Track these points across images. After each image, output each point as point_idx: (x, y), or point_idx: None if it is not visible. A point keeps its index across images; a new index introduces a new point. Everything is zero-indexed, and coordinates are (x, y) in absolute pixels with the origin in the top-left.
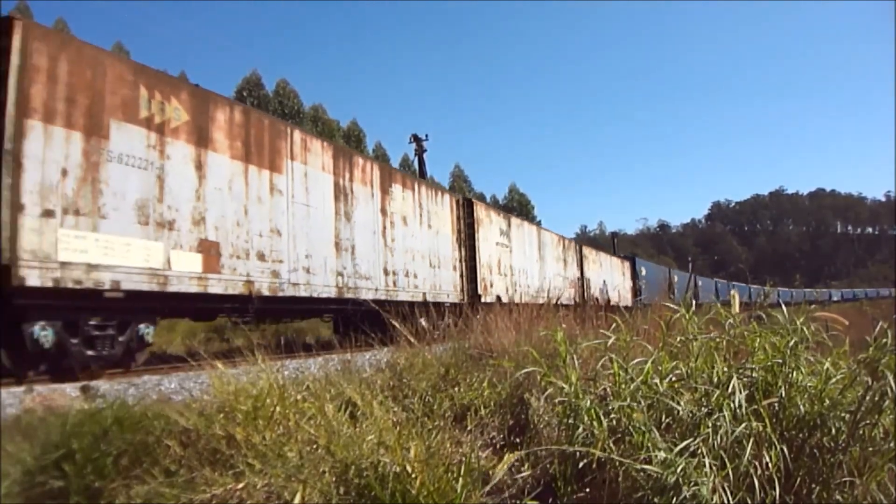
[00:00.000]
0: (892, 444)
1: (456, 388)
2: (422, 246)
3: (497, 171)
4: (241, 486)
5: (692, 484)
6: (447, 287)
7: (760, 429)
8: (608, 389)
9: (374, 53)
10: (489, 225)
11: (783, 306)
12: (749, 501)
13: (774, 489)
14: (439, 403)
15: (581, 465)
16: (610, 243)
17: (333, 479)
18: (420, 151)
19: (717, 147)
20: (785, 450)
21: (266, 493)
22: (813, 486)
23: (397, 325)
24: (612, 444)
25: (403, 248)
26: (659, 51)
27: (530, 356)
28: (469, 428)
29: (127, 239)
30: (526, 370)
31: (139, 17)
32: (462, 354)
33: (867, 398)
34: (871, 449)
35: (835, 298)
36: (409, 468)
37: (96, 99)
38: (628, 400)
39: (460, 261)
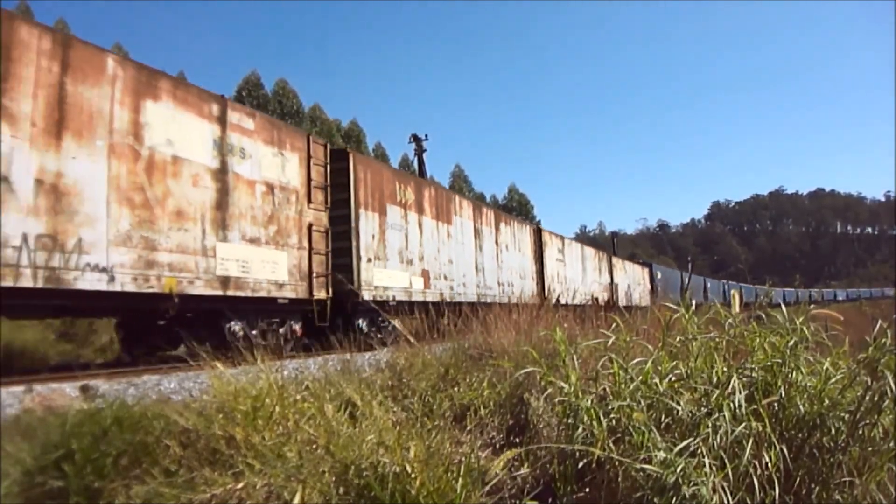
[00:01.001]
0: (891, 444)
1: (456, 388)
2: (516, 264)
3: (497, 171)
4: (240, 486)
5: (692, 484)
6: (528, 292)
7: (760, 429)
8: (608, 389)
9: (374, 53)
10: (551, 246)
11: (783, 306)
12: (749, 501)
13: (774, 489)
14: (439, 403)
15: (581, 464)
16: (609, 243)
17: (333, 479)
18: (420, 151)
19: (717, 147)
20: (785, 450)
21: (266, 493)
22: (813, 486)
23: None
24: (611, 444)
25: (507, 266)
26: (659, 51)
27: (530, 356)
28: (469, 428)
29: (395, 272)
30: (526, 370)
31: (139, 17)
32: (462, 354)
33: (867, 398)
34: (870, 449)
35: (839, 298)
36: (408, 468)
37: (381, 192)
38: (628, 400)
39: (535, 273)
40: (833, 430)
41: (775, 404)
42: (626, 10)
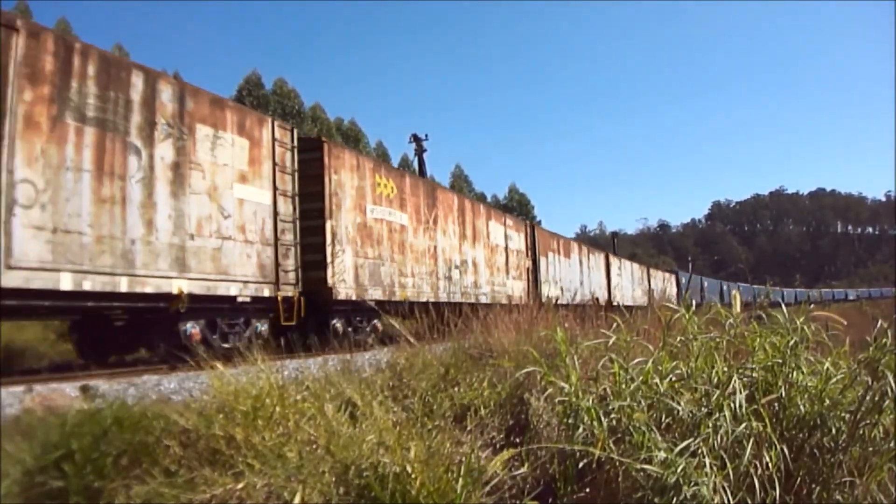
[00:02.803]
0: (892, 444)
1: (456, 388)
2: (598, 279)
3: (497, 171)
4: (240, 486)
5: (692, 484)
6: (600, 296)
7: (760, 429)
8: (608, 389)
9: (373, 53)
10: (613, 265)
11: (783, 306)
12: (749, 501)
13: (774, 489)
14: (439, 403)
15: (581, 464)
16: (610, 243)
17: (333, 479)
18: (420, 151)
19: (717, 147)
20: (785, 450)
21: (266, 494)
22: (813, 486)
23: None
24: (612, 444)
25: (589, 280)
26: (659, 51)
27: (530, 356)
28: (469, 428)
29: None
30: (526, 370)
31: (139, 17)
32: (462, 354)
33: (867, 398)
34: (871, 449)
35: (850, 297)
36: (408, 468)
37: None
38: (628, 400)
39: (606, 285)
40: (833, 430)
41: (776, 404)
42: (626, 9)
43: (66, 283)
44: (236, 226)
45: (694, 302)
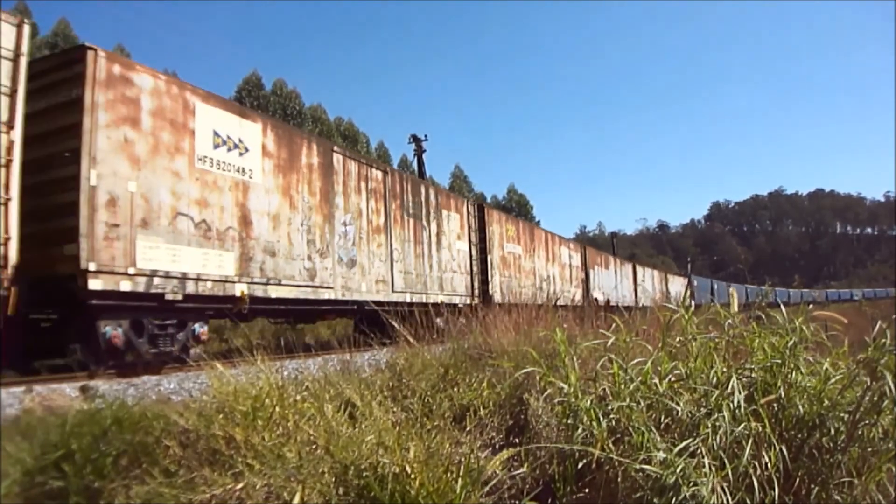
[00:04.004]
0: (891, 444)
1: (455, 389)
2: (628, 284)
3: (497, 171)
4: (240, 486)
5: (691, 484)
6: (629, 298)
7: (759, 429)
8: (608, 389)
9: (373, 53)
10: (639, 273)
11: (782, 306)
12: (748, 501)
13: (773, 489)
14: (439, 404)
15: (580, 465)
16: (609, 243)
17: (333, 479)
18: (419, 152)
19: (717, 147)
20: (784, 450)
21: (265, 494)
22: (812, 486)
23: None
24: (611, 445)
25: (621, 286)
26: (658, 51)
27: (530, 356)
28: (468, 428)
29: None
30: (525, 370)
31: (139, 17)
32: (461, 355)
33: (866, 398)
34: (870, 449)
35: (855, 297)
36: (408, 469)
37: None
38: (628, 400)
39: (633, 289)
40: (833, 431)
41: (775, 405)
42: (627, 9)
43: (409, 298)
44: (457, 264)
45: (704, 302)
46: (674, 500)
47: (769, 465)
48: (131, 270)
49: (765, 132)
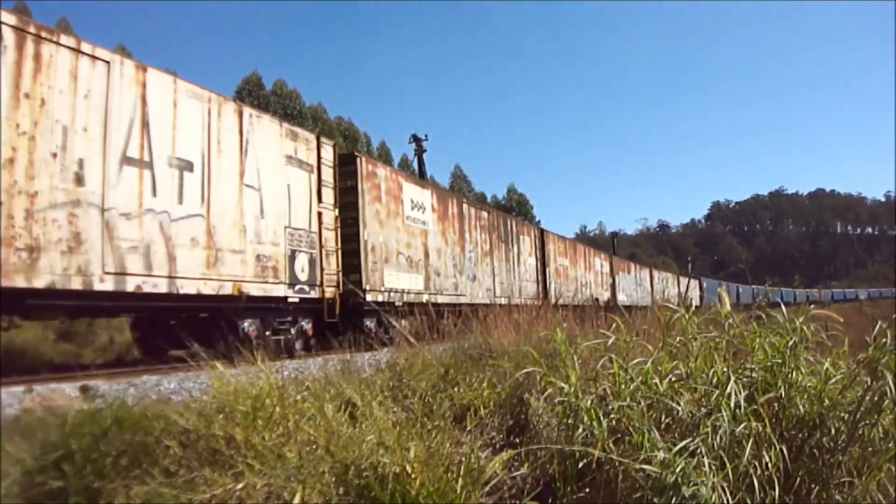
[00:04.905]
0: (891, 445)
1: (456, 389)
2: (646, 286)
3: (497, 171)
4: (240, 486)
5: (692, 484)
6: (647, 299)
7: (760, 429)
8: (608, 389)
9: (373, 53)
10: (655, 276)
11: (782, 306)
12: (749, 501)
13: (774, 489)
14: (439, 404)
15: (581, 465)
16: (609, 243)
17: (333, 479)
18: (420, 152)
19: (717, 147)
20: (784, 450)
21: (266, 494)
22: (812, 486)
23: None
24: (611, 444)
25: (640, 288)
26: (658, 51)
27: (530, 356)
28: (469, 428)
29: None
30: (526, 370)
31: (139, 17)
32: (462, 355)
33: (866, 398)
34: (870, 449)
35: (861, 297)
36: (408, 468)
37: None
38: (628, 400)
39: (650, 290)
40: (833, 431)
41: (775, 404)
42: (626, 8)
43: (504, 300)
44: (529, 274)
45: (713, 303)
46: (674, 499)
47: (769, 464)
48: (381, 288)
49: (765, 132)
